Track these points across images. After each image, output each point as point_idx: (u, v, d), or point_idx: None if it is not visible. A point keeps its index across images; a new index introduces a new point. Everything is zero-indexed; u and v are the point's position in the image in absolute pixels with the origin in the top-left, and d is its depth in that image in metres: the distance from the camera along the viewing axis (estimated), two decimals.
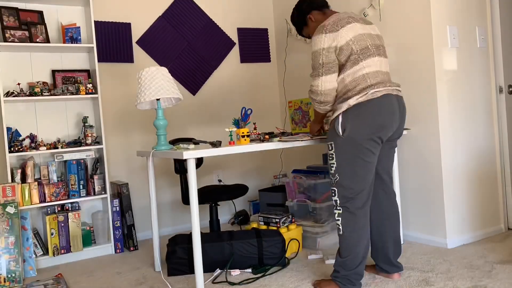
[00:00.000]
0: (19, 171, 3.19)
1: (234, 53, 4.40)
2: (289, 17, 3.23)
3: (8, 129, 3.25)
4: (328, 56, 2.32)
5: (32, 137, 3.37)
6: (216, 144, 2.48)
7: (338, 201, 2.35)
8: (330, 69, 2.33)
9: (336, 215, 2.36)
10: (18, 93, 3.23)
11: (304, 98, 3.48)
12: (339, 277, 2.34)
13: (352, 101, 2.28)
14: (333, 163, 2.36)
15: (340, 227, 2.34)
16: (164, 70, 2.76)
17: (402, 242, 3.15)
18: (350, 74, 2.31)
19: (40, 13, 3.42)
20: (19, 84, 3.31)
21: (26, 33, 3.27)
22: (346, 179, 2.32)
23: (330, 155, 2.37)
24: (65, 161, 3.39)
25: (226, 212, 4.33)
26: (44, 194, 3.27)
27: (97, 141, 3.48)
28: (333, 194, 2.38)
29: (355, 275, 2.33)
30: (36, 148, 3.27)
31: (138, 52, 3.91)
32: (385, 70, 2.41)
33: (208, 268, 2.82)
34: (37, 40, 3.30)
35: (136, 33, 3.91)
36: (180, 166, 3.34)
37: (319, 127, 2.74)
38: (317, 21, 2.57)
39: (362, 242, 2.32)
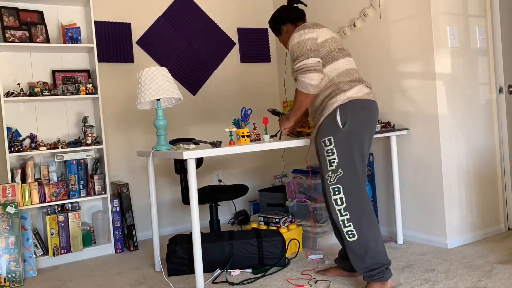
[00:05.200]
0: (19, 171, 3.19)
1: (234, 53, 4.40)
2: None
3: (8, 129, 3.25)
4: (313, 44, 2.40)
5: (32, 137, 3.37)
6: (216, 144, 2.48)
7: (343, 199, 2.29)
8: (317, 55, 2.39)
9: (345, 221, 2.29)
10: (18, 93, 3.23)
11: None
12: (374, 274, 2.28)
13: (350, 94, 2.34)
14: (334, 158, 2.33)
15: (354, 231, 2.28)
16: (164, 70, 2.76)
17: (401, 242, 3.17)
18: (333, 69, 2.40)
19: (40, 13, 3.42)
20: (19, 84, 3.31)
21: (26, 33, 3.27)
22: (349, 174, 2.31)
23: (329, 151, 2.34)
24: (65, 161, 3.39)
25: (226, 212, 4.33)
26: (44, 194, 3.27)
27: (97, 141, 3.48)
28: (336, 192, 2.31)
29: (381, 266, 2.28)
30: (36, 148, 3.27)
31: (138, 52, 3.92)
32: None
33: (208, 268, 2.82)
34: (37, 40, 3.30)
35: (136, 33, 3.91)
36: (180, 166, 3.34)
37: (292, 124, 2.61)
38: (289, 33, 2.68)
39: (377, 236, 2.30)
